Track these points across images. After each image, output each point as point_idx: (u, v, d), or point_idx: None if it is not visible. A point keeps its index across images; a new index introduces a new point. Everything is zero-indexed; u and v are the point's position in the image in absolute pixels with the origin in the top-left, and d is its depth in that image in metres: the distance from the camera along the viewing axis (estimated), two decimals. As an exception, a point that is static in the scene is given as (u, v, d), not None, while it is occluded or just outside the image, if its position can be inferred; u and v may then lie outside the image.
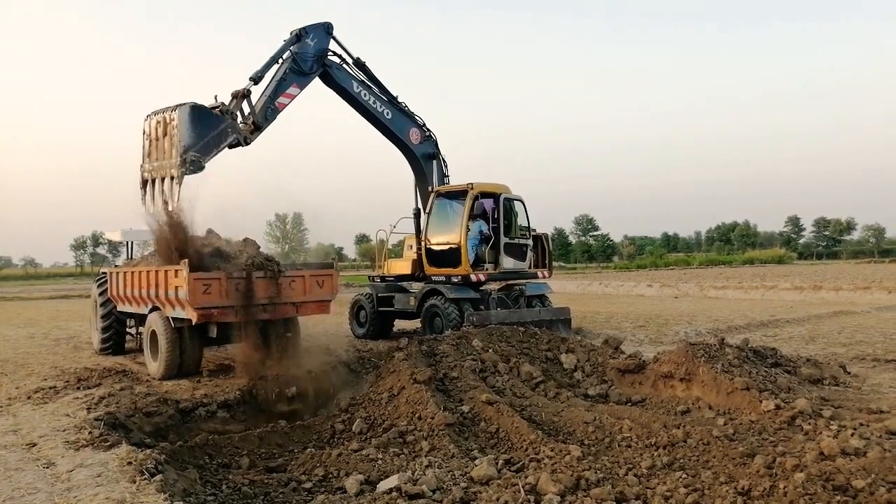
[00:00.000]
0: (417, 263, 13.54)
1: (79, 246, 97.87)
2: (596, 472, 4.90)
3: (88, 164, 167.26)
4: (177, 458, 5.76)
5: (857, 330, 14.03)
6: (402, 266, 14.07)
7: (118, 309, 11.77)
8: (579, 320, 16.14)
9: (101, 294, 12.33)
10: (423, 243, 13.36)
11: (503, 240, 13.25)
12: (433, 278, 13.21)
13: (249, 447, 6.44)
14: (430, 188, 13.69)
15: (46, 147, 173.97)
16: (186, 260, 8.61)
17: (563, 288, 32.48)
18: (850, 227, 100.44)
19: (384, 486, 4.93)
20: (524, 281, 13.97)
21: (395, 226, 14.46)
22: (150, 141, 10.00)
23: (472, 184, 12.93)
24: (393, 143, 13.74)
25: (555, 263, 15.53)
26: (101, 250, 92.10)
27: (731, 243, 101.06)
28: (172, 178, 9.43)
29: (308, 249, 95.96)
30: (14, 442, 5.99)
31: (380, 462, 5.67)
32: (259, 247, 10.30)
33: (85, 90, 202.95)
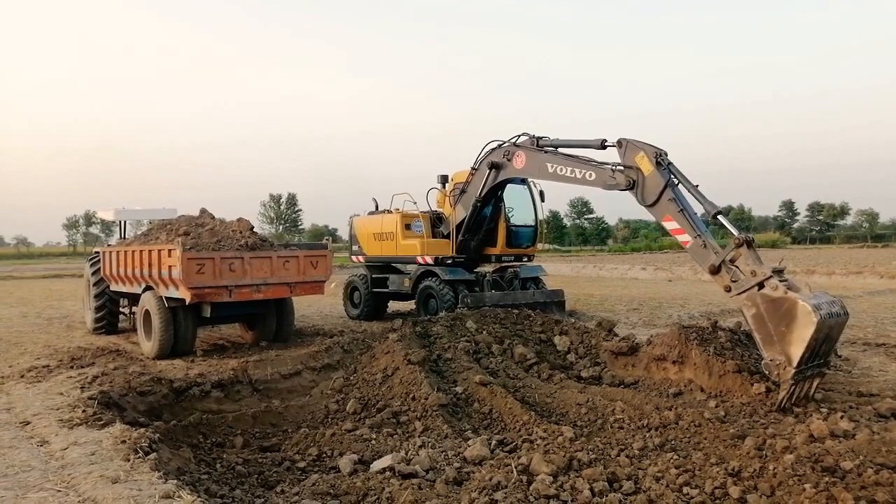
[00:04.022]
0: (462, 244, 13.06)
1: (71, 225, 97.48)
2: (588, 453, 4.93)
3: (82, 144, 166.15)
4: (171, 438, 5.76)
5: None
6: (442, 247, 13.26)
7: (111, 288, 11.74)
8: (573, 303, 16.19)
9: (94, 273, 12.29)
10: (501, 224, 13.30)
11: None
12: (503, 258, 13.62)
13: (243, 426, 6.44)
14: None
15: (39, 126, 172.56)
16: (180, 239, 8.58)
17: (558, 270, 32.56)
18: (843, 211, 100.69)
19: (378, 465, 4.96)
20: (518, 263, 14.00)
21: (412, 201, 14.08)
22: None
23: None
24: None
25: (549, 246, 15.90)
26: (94, 230, 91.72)
27: (726, 227, 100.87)
28: None
29: (302, 230, 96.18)
30: (7, 420, 5.98)
31: (373, 442, 5.69)
32: (253, 227, 10.27)
33: (78, 71, 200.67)
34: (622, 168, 8.50)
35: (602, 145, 9.16)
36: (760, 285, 6.40)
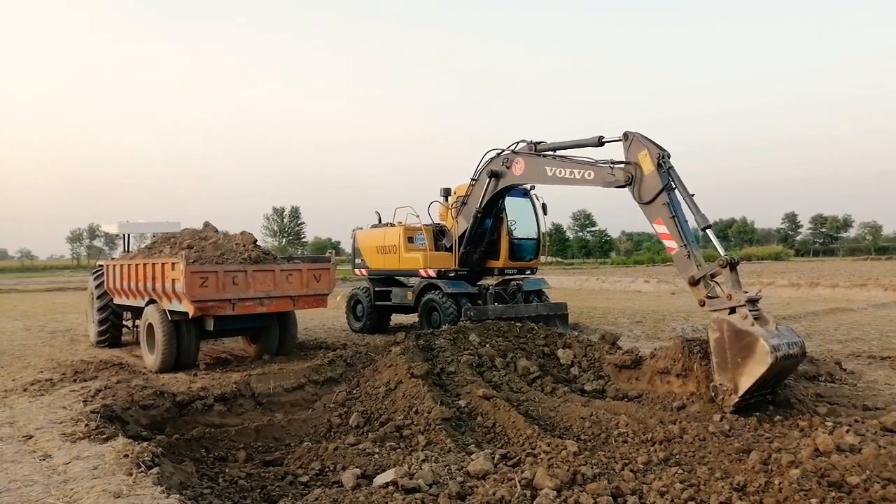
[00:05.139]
0: (464, 257, 13.05)
1: (75, 238, 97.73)
2: (592, 468, 4.90)
3: (86, 156, 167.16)
4: (173, 451, 5.75)
5: (853, 327, 14.06)
6: (444, 260, 13.21)
7: (115, 301, 11.75)
8: (576, 316, 16.16)
9: (97, 287, 12.32)
10: (503, 236, 13.27)
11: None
12: (506, 271, 13.57)
13: (246, 440, 6.43)
14: None
15: (43, 138, 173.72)
16: (183, 252, 8.60)
17: (560, 283, 32.53)
18: (846, 224, 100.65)
19: (380, 480, 4.93)
20: (521, 276, 14.00)
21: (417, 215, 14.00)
22: None
23: (533, 185, 13.41)
24: None
25: (552, 259, 15.82)
26: (98, 243, 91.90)
27: (729, 240, 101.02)
28: None
29: (305, 243, 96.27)
30: (10, 434, 5.98)
31: (376, 456, 5.67)
32: (256, 240, 10.28)
33: (81, 84, 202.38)
34: (622, 165, 8.51)
35: (600, 142, 9.20)
36: (732, 310, 6.61)
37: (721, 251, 7.16)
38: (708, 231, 7.58)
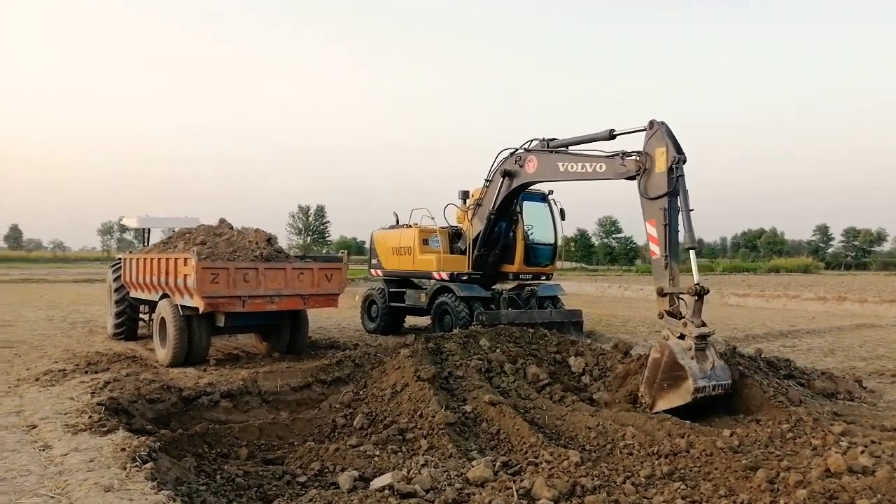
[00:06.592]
0: (479, 259, 12.97)
1: (106, 231, 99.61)
2: (593, 479, 4.78)
3: (118, 153, 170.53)
4: (176, 447, 5.76)
5: (879, 344, 13.67)
6: (458, 263, 13.13)
7: (131, 295, 11.87)
8: (594, 323, 15.96)
9: (115, 280, 12.46)
10: (519, 241, 13.19)
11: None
12: (521, 276, 13.41)
13: (249, 438, 6.41)
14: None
15: (80, 136, 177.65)
16: (195, 248, 8.64)
17: (582, 290, 32.25)
18: (880, 237, 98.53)
19: (377, 483, 4.87)
20: (536, 282, 13.84)
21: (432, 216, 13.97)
22: None
23: (552, 190, 13.59)
24: None
25: (576, 264, 15.69)
26: (128, 236, 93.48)
27: (758, 250, 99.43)
28: None
29: (330, 242, 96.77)
30: (15, 423, 6.03)
31: (376, 459, 5.61)
32: (270, 238, 10.29)
33: (118, 81, 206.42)
34: (633, 155, 8.40)
35: (611, 135, 9.14)
36: (682, 336, 7.03)
37: (696, 277, 7.34)
38: (691, 253, 7.72)
